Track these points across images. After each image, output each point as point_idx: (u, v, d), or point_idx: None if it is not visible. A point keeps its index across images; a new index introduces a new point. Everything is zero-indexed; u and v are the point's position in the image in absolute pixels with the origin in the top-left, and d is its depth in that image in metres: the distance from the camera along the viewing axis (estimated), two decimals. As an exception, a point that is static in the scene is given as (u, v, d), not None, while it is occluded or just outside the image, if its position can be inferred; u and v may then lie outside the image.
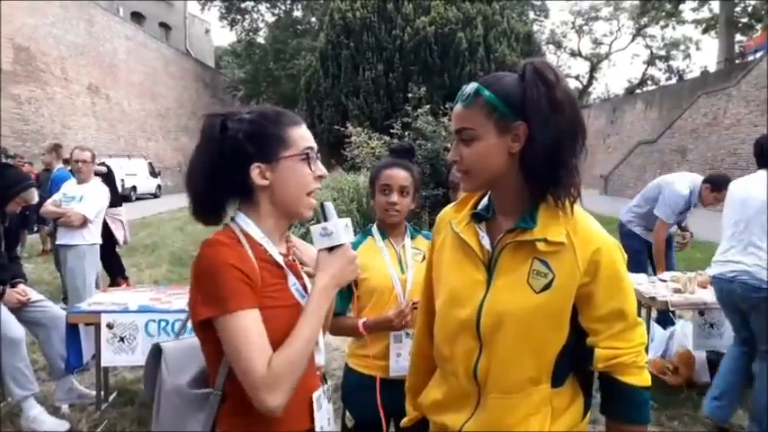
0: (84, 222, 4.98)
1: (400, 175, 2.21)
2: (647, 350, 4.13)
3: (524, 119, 1.27)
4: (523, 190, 1.33)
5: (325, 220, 1.36)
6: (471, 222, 1.43)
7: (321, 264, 1.34)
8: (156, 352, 1.43)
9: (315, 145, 1.40)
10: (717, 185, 4.58)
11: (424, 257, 2.29)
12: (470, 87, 1.33)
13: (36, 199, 3.92)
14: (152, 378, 1.43)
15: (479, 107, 1.30)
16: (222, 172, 1.33)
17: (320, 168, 1.40)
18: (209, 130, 1.36)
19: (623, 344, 1.33)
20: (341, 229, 1.34)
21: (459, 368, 1.41)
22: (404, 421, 1.74)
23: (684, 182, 4.82)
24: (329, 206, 1.37)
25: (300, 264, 1.47)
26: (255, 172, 1.33)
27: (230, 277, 1.23)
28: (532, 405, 1.35)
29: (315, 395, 1.42)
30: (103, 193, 5.27)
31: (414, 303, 2.10)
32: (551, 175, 1.27)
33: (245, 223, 1.36)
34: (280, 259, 1.38)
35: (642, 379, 1.35)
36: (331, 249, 1.34)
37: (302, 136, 1.38)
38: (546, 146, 1.25)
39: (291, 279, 1.39)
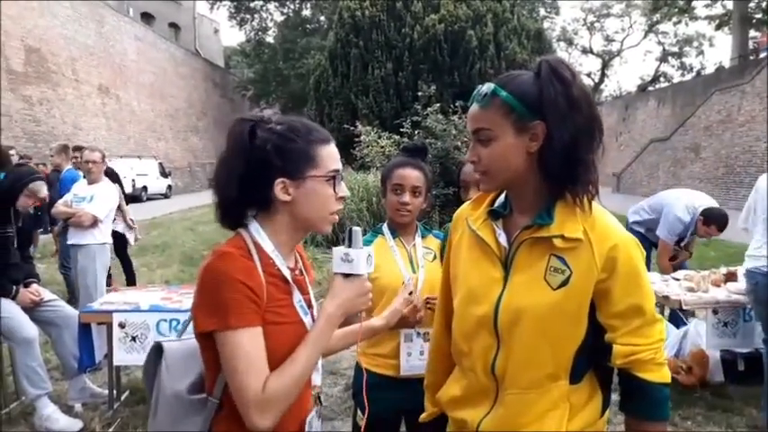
0: (95, 222, 5.01)
1: (413, 175, 2.19)
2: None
3: (542, 118, 1.27)
4: (541, 188, 1.34)
5: (350, 245, 1.35)
6: (488, 220, 1.43)
7: (334, 289, 1.34)
8: (158, 351, 1.41)
9: (341, 166, 1.38)
10: (710, 220, 4.59)
11: (434, 257, 2.29)
12: (486, 87, 1.32)
13: (45, 192, 3.93)
14: (152, 376, 1.41)
15: (496, 107, 1.30)
16: (247, 180, 1.29)
17: (343, 189, 1.38)
18: (238, 136, 1.31)
19: (641, 340, 1.32)
20: (363, 259, 1.33)
21: (478, 364, 1.42)
22: (423, 416, 1.74)
23: (685, 207, 4.77)
24: (357, 232, 1.36)
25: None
26: (279, 187, 1.30)
27: (236, 293, 1.21)
28: (550, 401, 1.35)
29: (308, 418, 1.41)
30: (114, 193, 5.30)
31: (427, 299, 2.09)
32: (570, 172, 1.28)
33: (258, 234, 1.33)
34: (288, 274, 1.35)
35: (661, 376, 1.34)
36: (347, 275, 1.34)
37: (330, 155, 1.35)
38: (564, 144, 1.25)
39: (297, 296, 1.36)
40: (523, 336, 1.33)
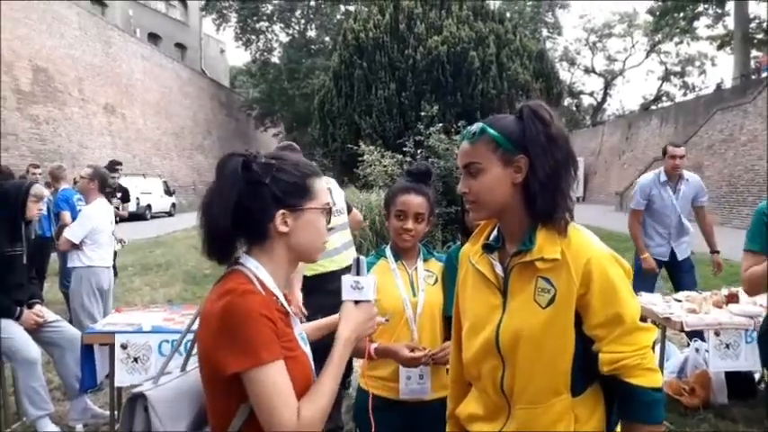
0: (74, 246, 4.85)
1: (415, 202, 2.22)
2: (662, 369, 4.08)
3: (525, 153, 1.42)
4: (525, 217, 1.47)
5: (358, 273, 1.43)
6: (484, 254, 1.57)
7: (346, 315, 1.40)
8: (133, 402, 1.37)
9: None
10: (665, 150, 5.10)
11: (436, 280, 2.30)
12: (476, 127, 1.48)
13: (46, 192, 3.96)
14: (131, 425, 1.37)
15: (485, 143, 1.45)
16: (242, 213, 1.31)
17: (331, 221, 1.48)
18: (230, 169, 1.32)
19: (625, 347, 1.41)
20: (371, 286, 1.42)
21: (488, 385, 1.54)
22: None
23: (650, 174, 5.24)
24: (364, 261, 1.47)
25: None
26: (280, 218, 1.33)
27: (264, 327, 1.22)
28: (555, 414, 1.45)
29: None
30: (95, 214, 5.02)
31: (432, 356, 2.12)
32: (551, 200, 1.42)
33: (257, 269, 1.34)
34: (288, 308, 1.38)
35: (650, 380, 1.41)
36: (357, 302, 1.41)
37: (323, 189, 1.43)
38: (546, 175, 1.40)
39: (297, 328, 1.40)
40: (524, 354, 1.45)
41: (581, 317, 1.43)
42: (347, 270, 1.49)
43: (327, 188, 1.53)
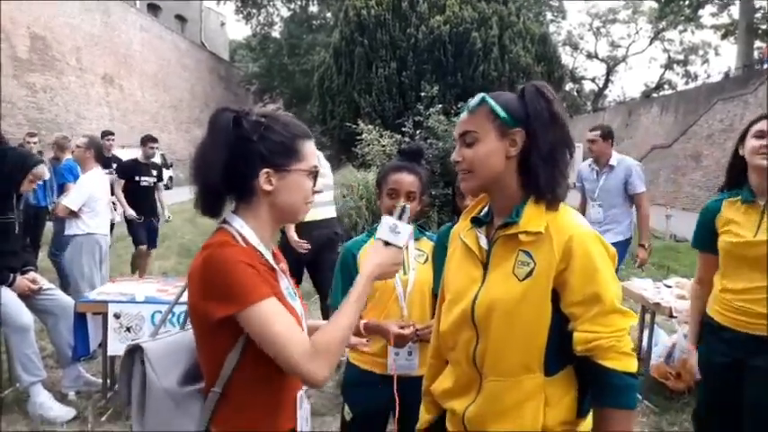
0: (74, 213, 4.91)
1: (407, 180, 2.23)
2: (649, 355, 4.11)
3: (522, 127, 1.45)
4: (517, 191, 1.49)
5: (400, 218, 1.46)
6: (472, 228, 1.59)
7: (375, 251, 1.43)
8: (132, 353, 1.42)
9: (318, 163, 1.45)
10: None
11: (426, 259, 2.32)
12: (476, 97, 1.50)
13: (47, 174, 3.93)
14: (128, 378, 1.41)
15: (483, 114, 1.48)
16: (231, 169, 1.33)
17: (318, 185, 1.46)
18: (222, 125, 1.34)
19: (601, 328, 1.39)
20: (407, 234, 1.45)
21: (461, 356, 1.56)
22: (418, 426, 1.82)
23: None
24: (408, 209, 1.49)
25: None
26: (264, 177, 1.35)
27: (247, 273, 1.25)
28: (525, 392, 1.45)
29: (298, 394, 1.46)
30: (91, 182, 5.06)
31: (417, 330, 2.15)
32: (549, 175, 1.44)
33: (241, 227, 1.37)
34: (273, 263, 1.40)
35: (624, 364, 1.39)
36: (387, 244, 1.43)
37: (312, 152, 1.42)
38: (547, 150, 1.43)
39: (284, 282, 1.42)
40: (497, 326, 1.46)
41: (559, 294, 1.43)
42: (324, 222, 1.53)
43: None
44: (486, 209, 1.61)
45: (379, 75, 16.03)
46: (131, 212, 6.69)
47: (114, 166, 7.31)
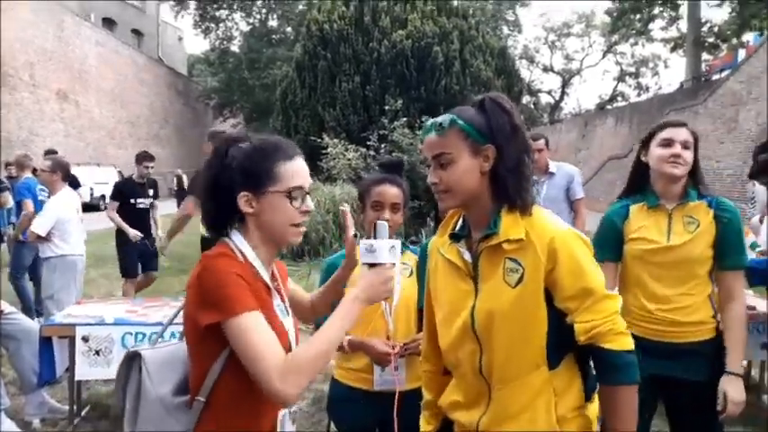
0: (40, 238, 4.84)
1: (391, 192, 2.24)
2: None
3: (491, 142, 1.50)
4: (490, 203, 1.54)
5: (375, 237, 1.46)
6: (452, 243, 1.63)
7: (360, 276, 1.46)
8: (131, 359, 1.46)
9: (306, 182, 1.47)
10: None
11: (411, 272, 2.32)
12: (444, 118, 1.53)
13: (11, 202, 3.81)
14: (124, 384, 1.46)
15: (455, 134, 1.51)
16: (218, 194, 1.43)
17: (307, 204, 1.47)
18: (219, 152, 1.45)
19: (597, 315, 1.47)
20: (384, 249, 1.45)
21: (467, 369, 1.59)
22: None
23: None
24: (382, 226, 1.49)
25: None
26: (243, 200, 1.41)
27: (236, 284, 1.30)
28: (534, 389, 1.51)
29: (280, 414, 1.49)
30: (60, 205, 5.00)
31: (403, 346, 2.16)
32: (517, 183, 1.50)
33: (240, 242, 1.44)
34: (268, 280, 1.45)
35: (622, 343, 1.48)
36: (372, 266, 1.43)
37: (295, 172, 1.45)
38: (514, 162, 1.50)
39: (276, 300, 1.47)
40: (498, 334, 1.51)
41: (551, 292, 1.49)
42: None
43: None
44: (460, 222, 1.65)
45: (342, 89, 16.05)
46: (135, 233, 6.43)
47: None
